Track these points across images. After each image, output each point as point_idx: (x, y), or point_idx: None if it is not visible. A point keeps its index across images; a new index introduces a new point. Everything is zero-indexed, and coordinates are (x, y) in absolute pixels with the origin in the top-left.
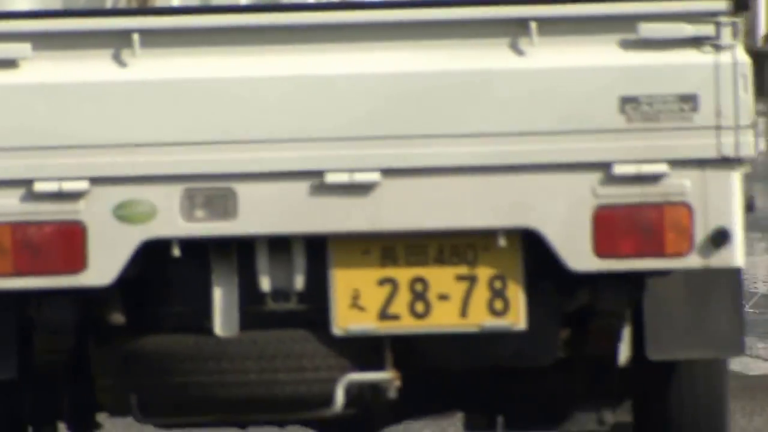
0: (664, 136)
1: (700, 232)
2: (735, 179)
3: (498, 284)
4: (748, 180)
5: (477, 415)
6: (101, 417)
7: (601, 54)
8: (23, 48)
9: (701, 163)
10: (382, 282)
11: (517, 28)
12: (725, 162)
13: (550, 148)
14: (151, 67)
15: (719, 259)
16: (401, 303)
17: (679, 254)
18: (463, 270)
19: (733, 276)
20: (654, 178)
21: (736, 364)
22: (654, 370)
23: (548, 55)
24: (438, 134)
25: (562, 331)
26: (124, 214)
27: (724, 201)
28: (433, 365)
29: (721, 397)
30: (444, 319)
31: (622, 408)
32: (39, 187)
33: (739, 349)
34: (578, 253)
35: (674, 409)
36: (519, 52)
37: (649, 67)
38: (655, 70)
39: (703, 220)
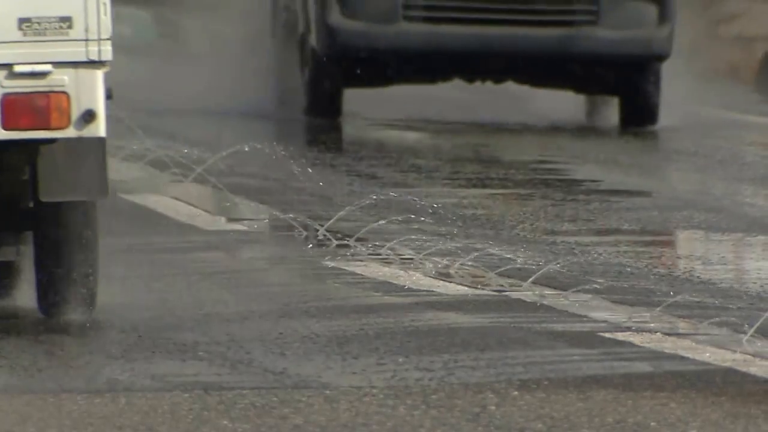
0: (49, 46)
1: (75, 113)
2: (99, 75)
3: None
4: (110, 75)
5: None
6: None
7: None
8: None
9: (75, 64)
10: None
11: None
12: (92, 63)
13: None
14: None
15: (88, 131)
16: None
17: (60, 128)
18: None
19: (98, 142)
20: (43, 75)
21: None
22: (48, 209)
23: None
24: None
25: None
26: None
27: (92, 91)
28: None
29: (93, 227)
30: None
31: (24, 244)
32: None
33: (104, 194)
34: None
35: (61, 236)
36: None
37: None
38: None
39: (78, 104)
